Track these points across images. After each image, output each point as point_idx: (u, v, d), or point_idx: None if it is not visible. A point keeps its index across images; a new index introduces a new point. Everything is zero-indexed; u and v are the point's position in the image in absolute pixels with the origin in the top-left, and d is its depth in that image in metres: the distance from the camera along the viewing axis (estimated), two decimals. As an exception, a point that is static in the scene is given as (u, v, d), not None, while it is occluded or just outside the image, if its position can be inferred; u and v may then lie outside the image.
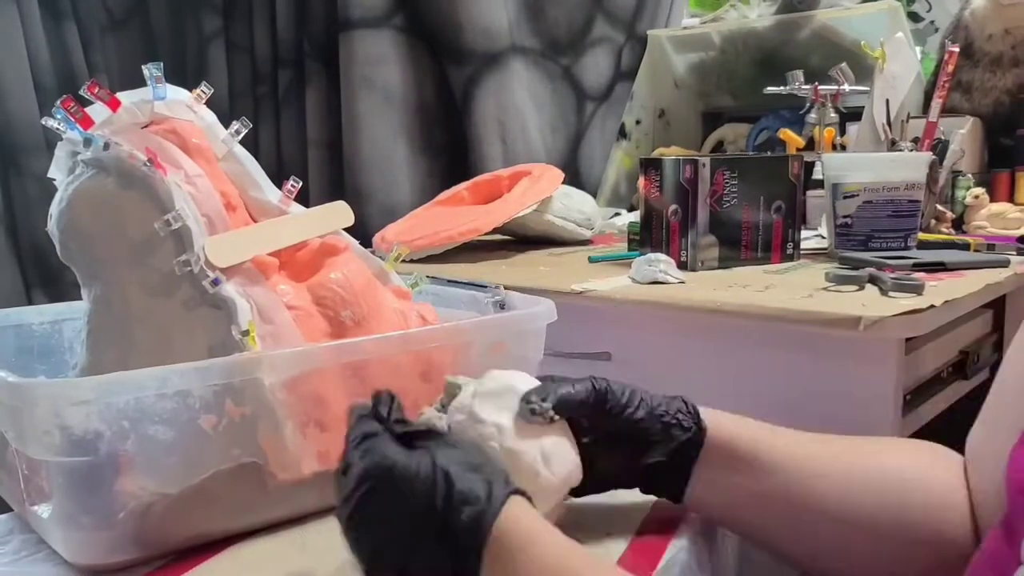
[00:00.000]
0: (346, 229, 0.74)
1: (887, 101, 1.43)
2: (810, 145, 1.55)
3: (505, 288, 0.78)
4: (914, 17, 1.90)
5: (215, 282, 0.61)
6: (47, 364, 0.75)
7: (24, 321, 0.76)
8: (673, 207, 1.13)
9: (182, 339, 0.62)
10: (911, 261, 1.06)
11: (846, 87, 1.50)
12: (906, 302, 0.84)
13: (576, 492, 0.57)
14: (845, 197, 1.16)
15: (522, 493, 0.46)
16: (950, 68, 1.35)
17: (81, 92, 0.65)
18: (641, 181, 1.18)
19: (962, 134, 1.39)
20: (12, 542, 0.61)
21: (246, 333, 0.59)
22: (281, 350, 0.61)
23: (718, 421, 0.58)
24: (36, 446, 0.53)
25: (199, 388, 0.55)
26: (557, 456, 0.54)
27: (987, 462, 0.52)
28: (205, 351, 0.61)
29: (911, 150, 1.36)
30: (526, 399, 0.54)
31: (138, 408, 0.53)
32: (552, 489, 0.53)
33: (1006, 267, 1.07)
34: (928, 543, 0.53)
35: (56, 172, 0.67)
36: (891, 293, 0.90)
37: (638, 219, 1.23)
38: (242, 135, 0.71)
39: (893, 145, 1.39)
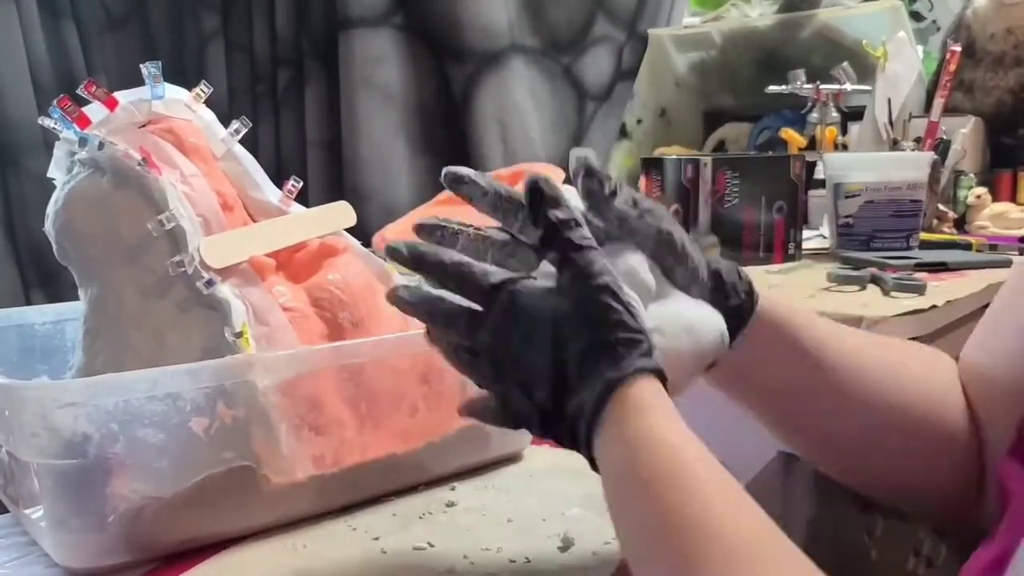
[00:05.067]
0: (346, 229, 0.74)
1: (889, 100, 1.43)
2: (812, 145, 1.54)
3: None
4: (916, 16, 1.89)
5: (209, 283, 0.61)
6: (49, 364, 0.74)
7: (26, 321, 0.75)
8: (674, 207, 1.13)
9: (176, 341, 0.62)
10: (913, 261, 1.05)
11: (848, 86, 1.49)
12: (908, 302, 0.84)
13: None
14: (847, 197, 1.16)
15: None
16: (952, 67, 1.35)
17: (78, 91, 0.64)
18: (642, 181, 1.18)
19: (964, 134, 1.38)
20: (5, 544, 0.60)
21: (240, 335, 0.59)
22: (275, 352, 0.60)
23: (769, 298, 0.54)
24: (25, 448, 0.52)
25: (190, 390, 0.55)
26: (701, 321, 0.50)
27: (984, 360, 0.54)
28: (199, 353, 0.60)
29: (913, 150, 1.36)
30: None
31: (127, 410, 0.53)
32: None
33: (1008, 267, 1.06)
34: (938, 439, 0.53)
35: (55, 172, 0.67)
36: (893, 293, 0.89)
37: (638, 219, 1.22)
38: (241, 134, 0.70)
39: (895, 145, 1.39)
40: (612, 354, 0.42)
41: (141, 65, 0.67)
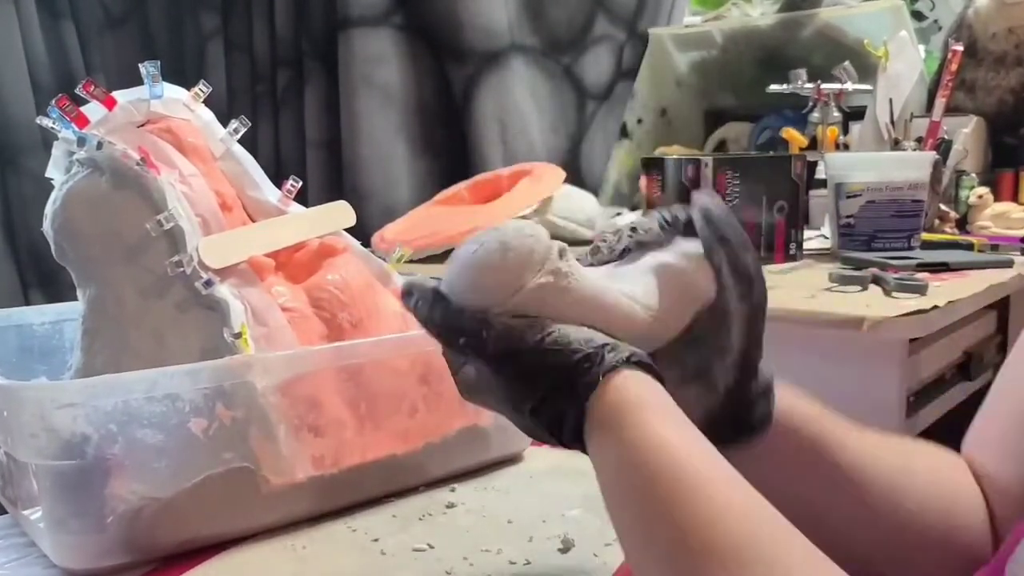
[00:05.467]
0: (345, 229, 0.74)
1: (890, 100, 1.43)
2: (813, 144, 1.54)
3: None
4: (917, 16, 1.89)
5: (208, 283, 0.61)
6: (48, 365, 0.74)
7: (25, 321, 0.75)
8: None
9: (175, 341, 0.61)
10: (914, 261, 1.05)
11: (849, 86, 1.49)
12: (910, 303, 0.84)
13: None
14: (848, 197, 1.16)
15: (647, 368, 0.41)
16: (953, 67, 1.34)
17: (77, 91, 0.64)
18: (643, 181, 1.18)
19: (966, 133, 1.38)
20: (4, 545, 0.60)
21: (238, 335, 0.59)
22: (274, 353, 0.60)
23: (790, 406, 0.49)
24: (23, 449, 0.52)
25: (189, 391, 0.54)
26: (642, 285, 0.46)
27: (990, 448, 0.52)
28: (198, 353, 0.60)
29: (914, 149, 1.35)
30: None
31: (126, 411, 0.52)
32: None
33: (1010, 267, 1.06)
34: (952, 544, 0.50)
35: (53, 171, 0.67)
36: (894, 294, 0.89)
37: (639, 219, 1.22)
38: (240, 134, 0.70)
39: (896, 144, 1.39)
40: (576, 372, 0.40)
41: (140, 65, 0.67)
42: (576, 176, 1.85)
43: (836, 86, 1.50)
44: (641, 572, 0.38)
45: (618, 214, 1.71)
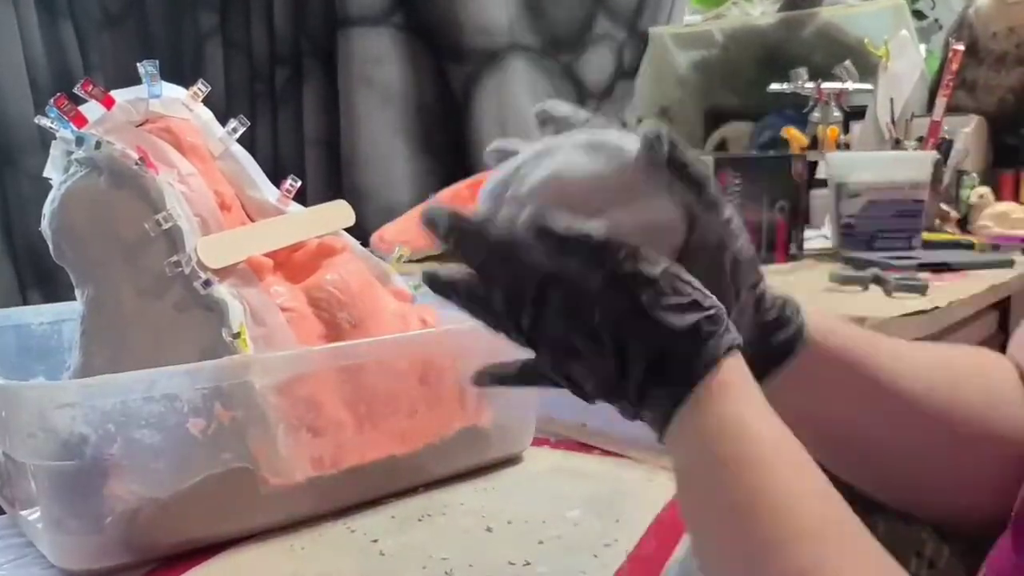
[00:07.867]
0: (345, 228, 0.73)
1: (891, 100, 1.42)
2: (814, 144, 1.53)
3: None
4: (918, 15, 1.88)
5: (206, 283, 0.60)
6: (46, 365, 0.74)
7: (24, 321, 0.75)
8: (674, 206, 1.12)
9: (174, 341, 0.61)
10: (915, 261, 1.05)
11: (850, 85, 1.49)
12: (911, 303, 0.83)
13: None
14: (849, 197, 1.15)
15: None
16: (954, 66, 1.34)
17: (75, 90, 0.64)
18: (642, 180, 1.17)
19: (967, 133, 1.38)
20: (2, 546, 0.60)
21: (237, 335, 0.58)
22: (272, 353, 0.60)
23: (826, 327, 0.50)
24: (22, 449, 0.52)
25: (187, 391, 0.54)
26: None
27: None
28: (197, 354, 0.60)
29: (915, 149, 1.35)
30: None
31: (124, 411, 0.52)
32: None
33: (1011, 267, 1.06)
34: (997, 440, 0.50)
35: (52, 171, 0.66)
36: (895, 294, 0.89)
37: (639, 218, 1.22)
38: (239, 133, 0.70)
39: (897, 144, 1.38)
40: (694, 340, 0.39)
41: (138, 64, 0.66)
42: (576, 175, 1.85)
43: (837, 85, 1.49)
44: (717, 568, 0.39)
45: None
